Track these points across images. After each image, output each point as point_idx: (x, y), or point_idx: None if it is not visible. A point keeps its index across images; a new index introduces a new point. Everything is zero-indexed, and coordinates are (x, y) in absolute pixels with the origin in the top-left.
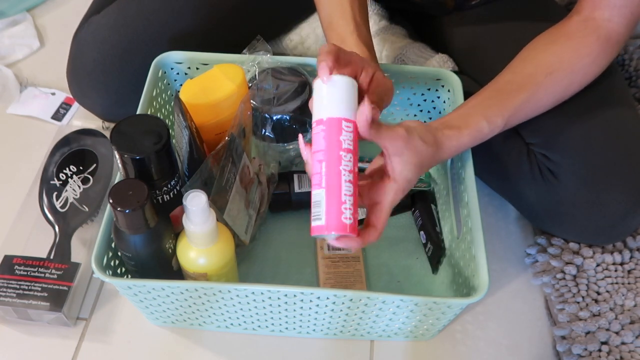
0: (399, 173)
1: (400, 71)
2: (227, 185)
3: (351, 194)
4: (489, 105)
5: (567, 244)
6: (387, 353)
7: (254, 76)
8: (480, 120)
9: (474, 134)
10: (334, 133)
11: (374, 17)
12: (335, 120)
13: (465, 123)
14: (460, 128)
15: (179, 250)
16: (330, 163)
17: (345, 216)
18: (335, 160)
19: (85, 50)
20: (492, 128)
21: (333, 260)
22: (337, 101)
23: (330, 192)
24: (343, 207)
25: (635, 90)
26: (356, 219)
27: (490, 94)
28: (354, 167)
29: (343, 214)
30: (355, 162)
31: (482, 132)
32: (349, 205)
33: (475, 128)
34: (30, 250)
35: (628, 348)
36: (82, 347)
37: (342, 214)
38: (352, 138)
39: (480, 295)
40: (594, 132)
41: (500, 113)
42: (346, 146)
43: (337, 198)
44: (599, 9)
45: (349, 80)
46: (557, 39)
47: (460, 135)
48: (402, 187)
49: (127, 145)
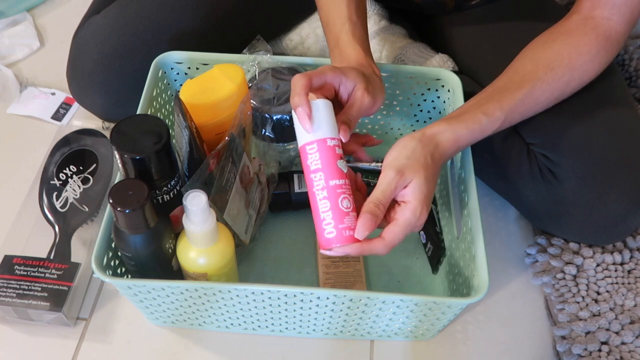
0: (411, 194)
1: (400, 71)
2: (227, 185)
3: (328, 209)
4: (487, 101)
5: (567, 244)
6: (387, 353)
7: (254, 76)
8: (477, 113)
9: (471, 125)
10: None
11: (374, 17)
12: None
13: (462, 117)
14: (455, 122)
15: (179, 250)
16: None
17: (327, 231)
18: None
19: (85, 50)
20: (491, 120)
21: (333, 260)
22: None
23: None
24: (323, 224)
25: (635, 90)
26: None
27: (489, 93)
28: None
29: (324, 230)
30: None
31: (480, 123)
32: (329, 220)
33: (472, 120)
34: (30, 250)
35: (628, 348)
36: (82, 347)
37: (323, 231)
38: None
39: (480, 295)
40: (594, 132)
41: (500, 106)
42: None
43: (317, 218)
44: (598, 7)
45: (323, 102)
46: (556, 38)
47: (455, 127)
48: (420, 201)
49: (127, 145)
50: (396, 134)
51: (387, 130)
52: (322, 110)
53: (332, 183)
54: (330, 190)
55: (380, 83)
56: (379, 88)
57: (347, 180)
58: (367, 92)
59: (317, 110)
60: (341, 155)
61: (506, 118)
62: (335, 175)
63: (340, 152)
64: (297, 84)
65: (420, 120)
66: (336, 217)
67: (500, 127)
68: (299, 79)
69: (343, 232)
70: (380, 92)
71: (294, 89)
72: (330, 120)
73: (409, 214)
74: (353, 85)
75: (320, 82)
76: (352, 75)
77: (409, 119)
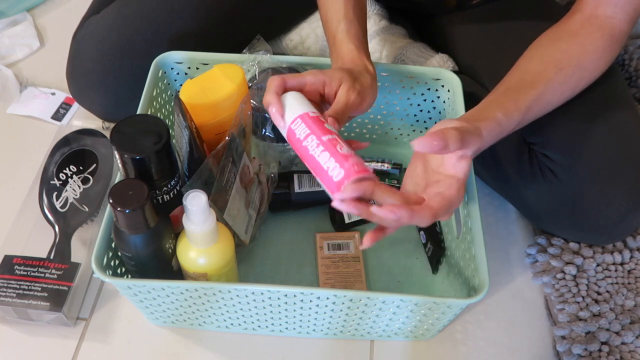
0: (461, 171)
1: (400, 71)
2: (227, 185)
3: (329, 157)
4: (504, 101)
5: (567, 244)
6: (387, 353)
7: (254, 76)
8: (496, 113)
9: (492, 126)
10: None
11: (374, 17)
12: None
13: (483, 117)
14: (477, 123)
15: (179, 250)
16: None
17: (335, 174)
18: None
19: (84, 50)
20: (510, 122)
21: (333, 260)
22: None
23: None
24: (329, 172)
25: (635, 90)
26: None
27: (503, 92)
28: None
29: (332, 176)
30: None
31: (500, 124)
32: (333, 165)
33: (494, 121)
34: (30, 250)
35: (628, 348)
36: (82, 347)
37: (331, 177)
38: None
39: (480, 295)
40: (594, 132)
41: (517, 107)
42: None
43: (323, 173)
44: (601, 5)
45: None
46: (562, 37)
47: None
48: (462, 182)
49: (127, 145)
50: (396, 134)
51: (387, 130)
52: (294, 97)
53: (325, 138)
54: (325, 143)
55: (372, 81)
56: (369, 86)
57: (338, 135)
58: (353, 89)
59: (291, 98)
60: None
61: (522, 119)
62: (326, 132)
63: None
64: (271, 83)
65: (420, 120)
66: (340, 160)
67: (514, 129)
68: (273, 79)
69: (353, 167)
70: (370, 90)
71: (267, 88)
72: (305, 102)
73: (456, 192)
74: (338, 85)
75: (295, 84)
76: (336, 75)
77: (409, 119)
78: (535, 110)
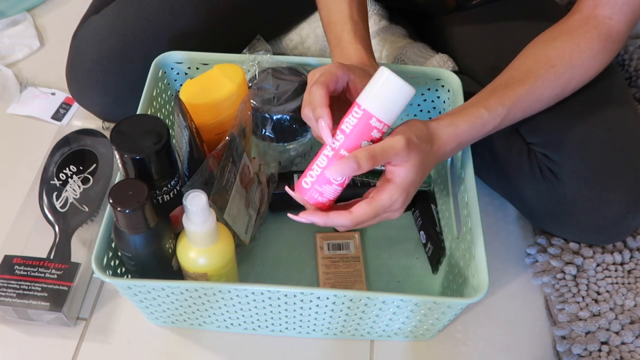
0: (397, 174)
1: (400, 71)
2: (227, 185)
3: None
4: (489, 96)
5: (567, 244)
6: (387, 353)
7: (254, 76)
8: (479, 108)
9: (472, 120)
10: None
11: (374, 17)
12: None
13: (463, 112)
14: (457, 116)
15: (179, 250)
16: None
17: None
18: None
19: (84, 50)
20: (493, 115)
21: (333, 260)
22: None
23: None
24: (308, 173)
25: (635, 90)
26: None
27: (490, 89)
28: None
29: (304, 177)
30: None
31: (482, 117)
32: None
33: (474, 114)
34: (30, 250)
35: (628, 348)
36: (82, 347)
37: (303, 177)
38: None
39: (480, 295)
40: (594, 132)
41: (501, 102)
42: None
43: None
44: (600, 6)
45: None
46: (557, 36)
47: (456, 122)
48: (401, 187)
49: (127, 145)
50: None
51: None
52: (394, 88)
53: (343, 152)
54: (335, 155)
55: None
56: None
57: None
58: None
59: (391, 86)
60: (374, 139)
61: (507, 114)
62: (349, 148)
63: (376, 137)
64: (316, 95)
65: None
66: (320, 178)
67: (501, 124)
68: (317, 90)
69: (314, 193)
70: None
71: (313, 102)
72: (391, 102)
73: (385, 195)
74: (361, 83)
75: (334, 87)
76: (359, 72)
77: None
78: (523, 106)
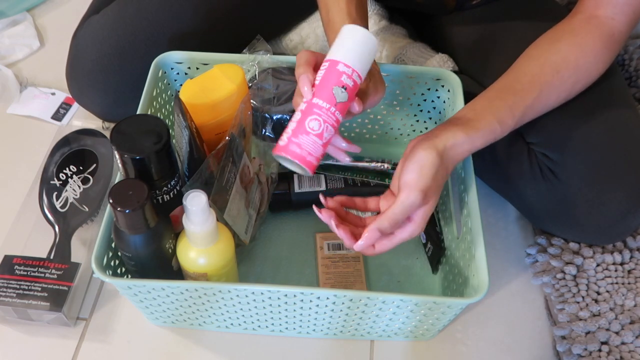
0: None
1: (400, 71)
2: (227, 185)
3: (295, 120)
4: (499, 106)
5: (567, 244)
6: (387, 353)
7: (254, 76)
8: (492, 122)
9: (487, 135)
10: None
11: (374, 17)
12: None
13: (477, 126)
14: (472, 132)
15: (179, 250)
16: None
17: (281, 138)
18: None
19: (84, 50)
20: (504, 129)
21: (333, 260)
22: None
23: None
24: (285, 130)
25: (635, 90)
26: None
27: (497, 94)
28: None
29: (281, 136)
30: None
31: (495, 133)
32: (289, 130)
33: (488, 129)
34: (30, 250)
35: (628, 348)
36: (82, 347)
37: (281, 136)
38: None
39: (480, 295)
40: (594, 132)
41: (512, 114)
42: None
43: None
44: (601, 7)
45: (363, 31)
46: (560, 38)
47: (474, 139)
48: (422, 222)
49: (127, 145)
50: (396, 134)
51: (387, 130)
52: (355, 37)
53: (315, 101)
54: (308, 106)
55: (380, 77)
56: (380, 80)
57: (334, 108)
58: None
59: (351, 35)
60: (345, 85)
61: (516, 124)
62: (322, 96)
63: (347, 83)
64: (302, 57)
65: (420, 120)
66: (295, 131)
67: (508, 132)
68: (304, 54)
69: (293, 146)
70: (380, 84)
71: (299, 60)
72: (355, 49)
73: (407, 235)
74: None
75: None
76: None
77: (409, 119)
78: (530, 115)
